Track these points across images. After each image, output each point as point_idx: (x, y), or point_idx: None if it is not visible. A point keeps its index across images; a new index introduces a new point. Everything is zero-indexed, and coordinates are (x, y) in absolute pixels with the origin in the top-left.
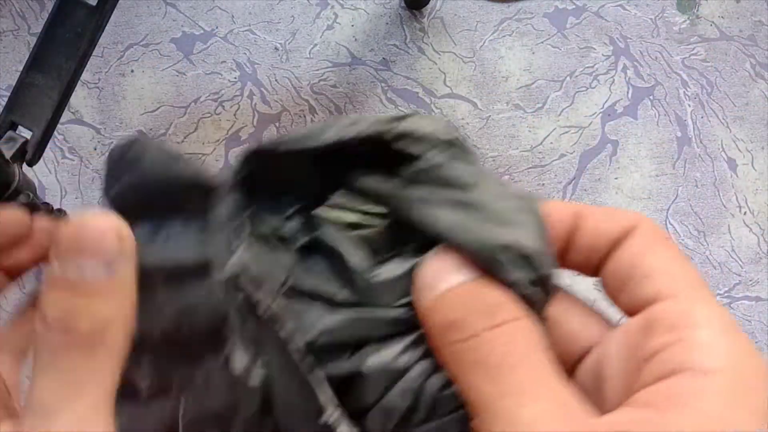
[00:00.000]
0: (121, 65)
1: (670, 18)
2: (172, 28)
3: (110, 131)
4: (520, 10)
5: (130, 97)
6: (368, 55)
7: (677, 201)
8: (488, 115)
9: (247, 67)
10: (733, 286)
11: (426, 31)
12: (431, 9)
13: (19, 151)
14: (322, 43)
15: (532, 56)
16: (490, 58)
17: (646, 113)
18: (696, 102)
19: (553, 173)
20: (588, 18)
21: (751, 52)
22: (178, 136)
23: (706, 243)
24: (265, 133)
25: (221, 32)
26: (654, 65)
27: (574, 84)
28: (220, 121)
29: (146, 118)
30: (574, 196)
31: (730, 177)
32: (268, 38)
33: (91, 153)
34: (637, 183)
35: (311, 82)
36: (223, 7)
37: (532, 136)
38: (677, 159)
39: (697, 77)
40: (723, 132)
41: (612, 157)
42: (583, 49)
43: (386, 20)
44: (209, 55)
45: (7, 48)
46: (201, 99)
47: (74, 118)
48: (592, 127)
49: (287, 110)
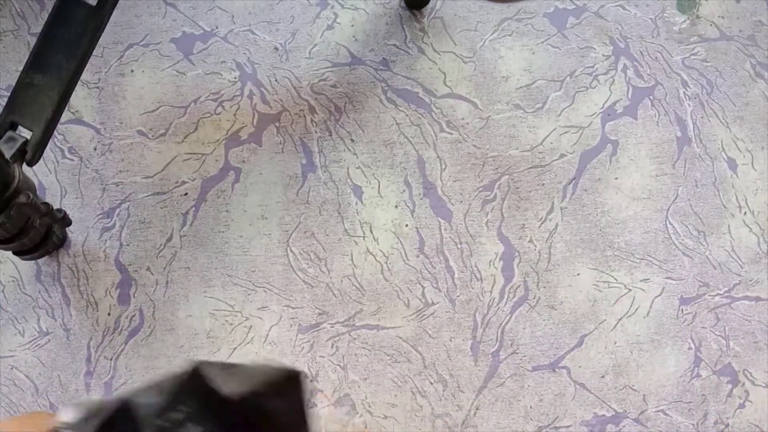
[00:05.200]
0: (121, 65)
1: (670, 18)
2: (172, 28)
3: (110, 131)
4: (520, 10)
5: (130, 97)
6: (368, 55)
7: (677, 201)
8: (488, 115)
9: (247, 67)
10: (733, 286)
11: (426, 31)
12: (431, 9)
13: (19, 151)
14: (322, 43)
15: (532, 56)
16: (490, 58)
17: (646, 113)
18: (696, 102)
19: (553, 173)
20: (588, 18)
21: (751, 52)
22: (178, 136)
23: (706, 243)
24: (264, 133)
25: (221, 32)
26: (654, 65)
27: (574, 84)
28: (220, 121)
29: (146, 118)
30: (574, 196)
31: (730, 177)
32: (268, 38)
33: (91, 153)
34: (637, 183)
35: (311, 82)
36: (223, 7)
37: (532, 136)
38: (677, 159)
39: (697, 77)
40: (723, 132)
41: (612, 157)
42: (583, 49)
43: (386, 20)
44: (209, 55)
45: (7, 48)
46: (201, 99)
47: (74, 118)
48: (592, 127)
49: (287, 110)
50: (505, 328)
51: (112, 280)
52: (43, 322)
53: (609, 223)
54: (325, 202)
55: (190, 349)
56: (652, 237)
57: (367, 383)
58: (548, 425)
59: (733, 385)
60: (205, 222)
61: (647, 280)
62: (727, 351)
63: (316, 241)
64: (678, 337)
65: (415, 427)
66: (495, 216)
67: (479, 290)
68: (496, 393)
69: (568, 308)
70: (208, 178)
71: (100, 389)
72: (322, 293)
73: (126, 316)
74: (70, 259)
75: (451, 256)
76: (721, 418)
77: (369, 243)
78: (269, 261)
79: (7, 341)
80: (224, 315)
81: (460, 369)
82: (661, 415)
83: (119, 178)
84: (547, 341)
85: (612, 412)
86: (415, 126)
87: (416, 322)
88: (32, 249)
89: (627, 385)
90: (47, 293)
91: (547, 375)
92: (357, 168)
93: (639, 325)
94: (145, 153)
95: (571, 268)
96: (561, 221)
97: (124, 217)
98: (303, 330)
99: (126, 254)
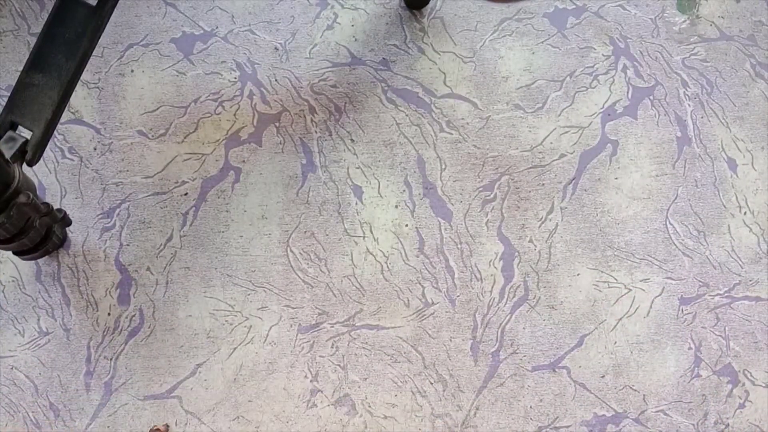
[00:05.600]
0: (121, 65)
1: (670, 18)
2: (172, 28)
3: (110, 131)
4: (520, 10)
5: (130, 97)
6: (368, 55)
7: (677, 201)
8: (488, 115)
9: (247, 67)
10: (733, 286)
11: (426, 31)
12: (431, 9)
13: (19, 151)
14: (322, 43)
15: (532, 56)
16: (490, 58)
17: (646, 113)
18: (696, 102)
19: (553, 173)
20: (588, 18)
21: (751, 52)
22: (178, 136)
23: (706, 243)
24: (264, 133)
25: (221, 32)
26: (654, 65)
27: (574, 84)
28: (220, 121)
29: (146, 118)
30: (574, 196)
31: (730, 177)
32: (268, 38)
33: (91, 153)
34: (637, 183)
35: (311, 82)
36: (223, 7)
37: (532, 136)
38: (677, 159)
39: (697, 77)
40: (723, 132)
41: (612, 157)
42: (583, 49)
43: (386, 20)
44: (209, 55)
45: (7, 48)
46: (201, 99)
47: (74, 118)
48: (592, 127)
49: (287, 110)
50: (505, 328)
51: (112, 280)
52: (43, 322)
53: (609, 223)
54: (325, 202)
55: (190, 349)
56: (652, 237)
57: (367, 383)
58: (548, 425)
59: (733, 385)
60: (205, 222)
61: (647, 280)
62: (727, 351)
63: (316, 241)
64: (678, 337)
65: (415, 427)
66: (495, 216)
67: (479, 290)
68: (496, 393)
69: (568, 308)
70: (208, 178)
71: (100, 389)
72: (322, 293)
73: (126, 316)
74: (70, 259)
75: (451, 256)
76: (721, 418)
77: (369, 243)
78: (269, 261)
79: (7, 341)
80: (224, 315)
81: (460, 369)
82: (661, 415)
83: (119, 178)
84: (547, 341)
85: (612, 412)
86: (415, 126)
87: (416, 322)
88: (32, 249)
89: (627, 385)
90: (47, 293)
91: (547, 375)
92: (357, 168)
93: (639, 325)
94: (145, 153)
95: (571, 268)
96: (561, 221)
97: (124, 217)
98: (303, 330)
99: (126, 254)
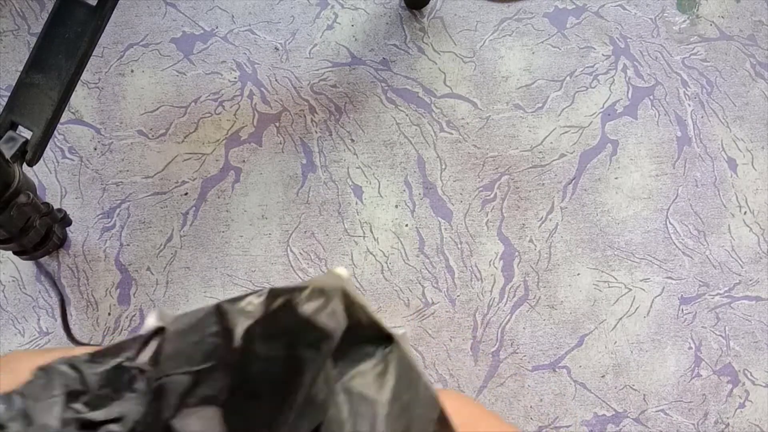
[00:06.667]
0: (121, 65)
1: (670, 18)
2: (172, 28)
3: (110, 131)
4: (520, 10)
5: (130, 97)
6: (368, 55)
7: (677, 201)
8: (488, 115)
9: (247, 67)
10: (733, 286)
11: (426, 31)
12: (431, 9)
13: (19, 151)
14: (322, 43)
15: (532, 56)
16: (490, 58)
17: (646, 113)
18: (696, 102)
19: (553, 173)
20: (588, 18)
21: (751, 52)
22: (178, 136)
23: (706, 243)
24: (264, 133)
25: (221, 32)
26: (654, 65)
27: (574, 84)
28: (220, 121)
29: (146, 118)
30: (575, 195)
31: (730, 177)
32: (268, 38)
33: (91, 153)
34: (637, 183)
35: (311, 82)
36: (223, 7)
37: (532, 136)
38: (677, 159)
39: (697, 77)
40: (723, 132)
41: (612, 157)
42: (583, 49)
43: (386, 20)
44: (209, 55)
45: (7, 48)
46: (201, 99)
47: (74, 118)
48: (592, 127)
49: (287, 110)
50: (505, 327)
51: (112, 280)
52: (43, 322)
53: (609, 222)
54: (325, 202)
55: None
56: (652, 237)
57: None
58: (548, 425)
59: (733, 385)
60: (205, 222)
61: (647, 279)
62: (727, 351)
63: (316, 241)
64: (678, 337)
65: None
66: (495, 216)
67: (479, 290)
68: (497, 393)
69: (568, 308)
70: (208, 178)
71: None
72: None
73: (126, 316)
74: (70, 259)
75: (451, 255)
76: (722, 418)
77: (369, 243)
78: (269, 261)
79: (7, 341)
80: None
81: (460, 369)
82: (662, 414)
83: (119, 178)
84: (547, 341)
85: (612, 412)
86: (415, 126)
87: (416, 322)
88: (32, 249)
89: (627, 384)
90: (47, 293)
91: (547, 375)
92: (357, 168)
93: (639, 324)
94: (145, 153)
95: (571, 268)
96: (561, 221)
97: (124, 217)
98: None
99: (126, 254)
